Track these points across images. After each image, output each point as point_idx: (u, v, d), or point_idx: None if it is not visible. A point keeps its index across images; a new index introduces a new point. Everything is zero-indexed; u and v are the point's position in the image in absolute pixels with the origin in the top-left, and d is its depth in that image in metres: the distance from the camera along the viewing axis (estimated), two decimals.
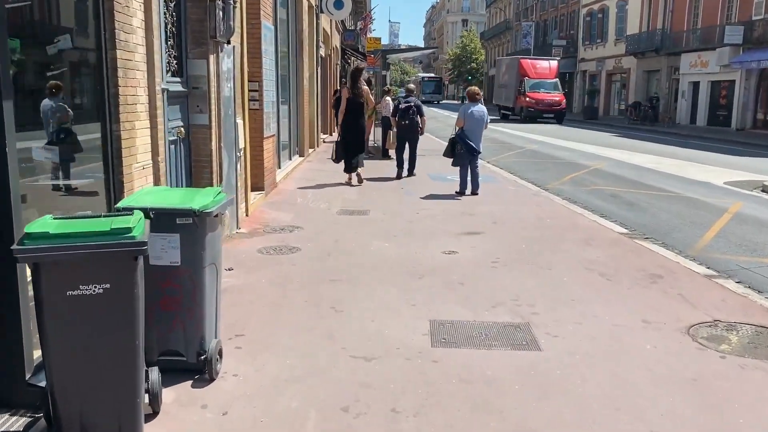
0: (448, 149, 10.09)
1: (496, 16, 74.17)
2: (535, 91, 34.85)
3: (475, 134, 9.83)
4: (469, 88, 10.34)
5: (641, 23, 38.31)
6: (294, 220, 7.72)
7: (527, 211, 8.64)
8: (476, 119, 9.80)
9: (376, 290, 5.05)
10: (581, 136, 23.89)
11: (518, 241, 6.81)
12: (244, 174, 7.75)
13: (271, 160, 9.70)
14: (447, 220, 7.91)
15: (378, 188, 10.45)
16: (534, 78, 36.25)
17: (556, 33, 52.02)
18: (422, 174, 12.27)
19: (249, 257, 6.02)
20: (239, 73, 7.50)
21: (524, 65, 37.53)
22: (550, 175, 13.27)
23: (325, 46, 20.98)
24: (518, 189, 10.76)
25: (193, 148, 6.32)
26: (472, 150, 9.75)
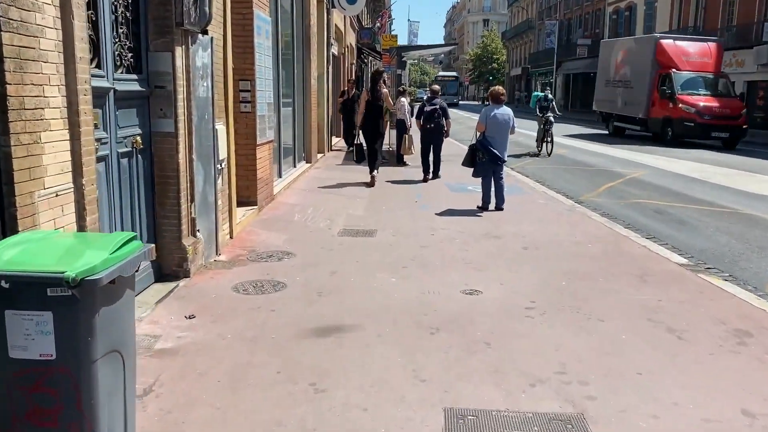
0: (468, 158, 8.82)
1: (518, 15, 72.52)
2: (692, 93, 21.05)
3: (499, 140, 8.55)
4: (492, 89, 9.05)
5: (671, 21, 36.61)
6: (286, 244, 6.51)
7: (563, 231, 7.35)
8: (500, 123, 8.53)
9: (374, 354, 3.83)
10: (609, 139, 22.43)
11: (556, 275, 5.54)
12: (227, 189, 6.57)
13: (266, 170, 8.52)
14: (468, 243, 6.65)
15: (389, 200, 9.22)
16: (686, 70, 21.78)
17: (581, 32, 50.34)
18: (440, 183, 11.02)
19: (220, 298, 4.82)
20: (221, 69, 6.32)
21: (667, 49, 22.34)
22: (583, 185, 11.93)
23: (338, 44, 19.81)
24: (549, 202, 9.46)
25: (156, 160, 5.15)
26: (496, 158, 8.48)
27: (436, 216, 8.15)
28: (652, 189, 11.45)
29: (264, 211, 8.19)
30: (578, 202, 9.91)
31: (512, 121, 8.65)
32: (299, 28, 12.56)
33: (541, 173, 13.45)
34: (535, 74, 61.96)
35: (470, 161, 8.74)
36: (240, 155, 7.81)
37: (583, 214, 8.54)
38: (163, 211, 5.22)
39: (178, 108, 5.12)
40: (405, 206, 8.78)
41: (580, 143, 20.47)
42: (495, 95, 8.74)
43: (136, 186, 4.89)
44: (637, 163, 15.26)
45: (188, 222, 5.40)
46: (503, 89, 9.00)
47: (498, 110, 8.57)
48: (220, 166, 6.19)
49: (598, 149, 18.75)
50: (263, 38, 8.19)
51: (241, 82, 7.71)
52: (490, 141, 8.51)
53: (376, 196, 9.54)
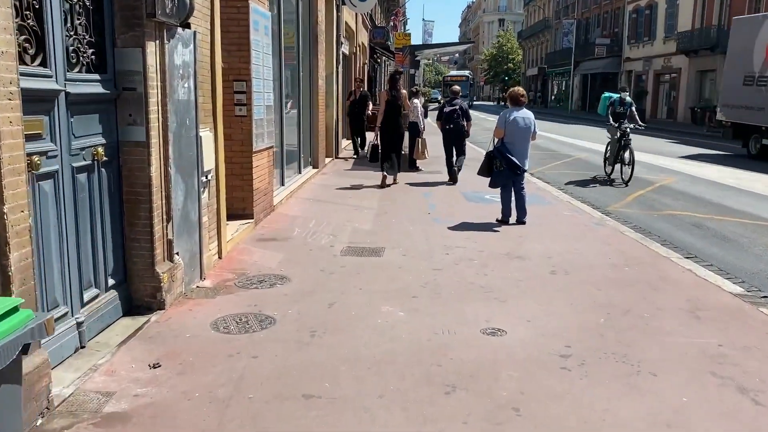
0: (484, 166, 7.98)
1: (535, 14, 71.43)
2: None
3: (519, 147, 7.73)
4: (512, 90, 8.15)
5: (694, 19, 35.50)
6: (282, 266, 5.76)
7: (594, 250, 6.52)
8: (520, 128, 7.71)
9: (375, 422, 3.05)
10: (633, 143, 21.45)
11: (593, 308, 4.73)
12: (215, 204, 5.83)
13: (265, 179, 7.78)
14: (487, 266, 5.86)
15: (400, 211, 8.44)
16: None
17: (599, 31, 49.27)
18: (455, 192, 10.22)
19: (195, 338, 4.07)
20: (208, 68, 5.58)
21: None
22: (610, 194, 11.07)
23: (349, 43, 19.07)
24: (575, 214, 8.63)
25: (125, 175, 4.41)
26: (515, 167, 7.66)
27: (451, 231, 7.36)
28: (686, 199, 10.56)
29: (261, 224, 7.44)
30: (606, 213, 9.08)
31: (533, 125, 7.83)
32: (305, 25, 11.81)
33: (562, 179, 12.60)
34: (551, 74, 60.90)
35: (487, 170, 7.92)
36: (234, 164, 7.09)
37: (614, 229, 7.70)
38: (133, 233, 4.48)
39: (151, 113, 4.38)
40: (417, 219, 8.00)
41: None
42: (514, 97, 7.91)
43: (99, 205, 4.16)
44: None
45: (164, 245, 4.66)
46: (523, 90, 8.16)
47: (518, 113, 7.75)
48: (205, 178, 5.45)
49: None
50: (261, 35, 7.45)
51: (236, 83, 6.98)
52: (509, 148, 7.69)
53: (385, 207, 8.76)
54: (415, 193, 10.07)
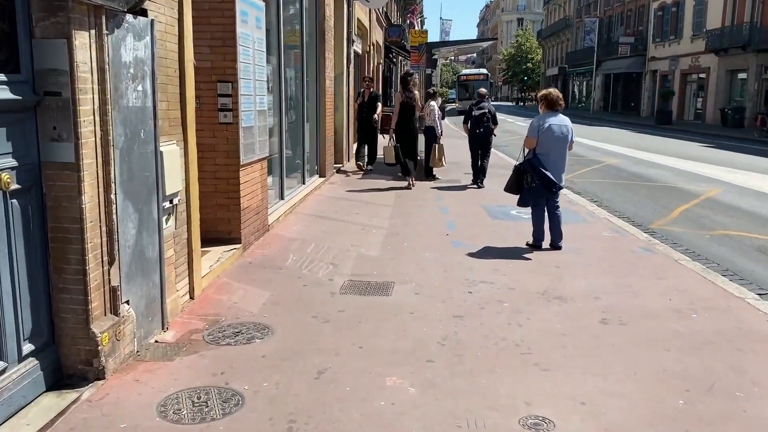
0: (512, 182, 6.83)
1: (555, 13, 69.90)
2: None
3: (555, 160, 6.58)
4: (547, 92, 6.88)
5: (724, 16, 33.95)
6: (266, 310, 4.68)
7: (649, 288, 5.36)
8: (556, 138, 6.56)
9: None
10: (664, 147, 20.14)
11: (665, 381, 3.58)
12: (185, 233, 4.76)
13: (256, 196, 6.71)
14: (520, 311, 4.73)
15: (413, 230, 7.34)
16: None
17: (622, 29, 47.75)
18: (476, 206, 9.07)
19: None
20: (174, 66, 4.51)
21: None
22: (650, 207, 9.87)
23: (362, 41, 17.99)
24: (616, 235, 7.45)
25: (50, 206, 3.36)
26: (550, 184, 6.53)
27: (474, 259, 6.23)
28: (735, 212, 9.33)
29: (251, 250, 6.37)
30: (650, 232, 7.91)
31: (571, 134, 6.68)
32: (311, 21, 10.75)
33: (594, 189, 11.42)
34: (572, 74, 59.39)
35: (515, 186, 6.77)
36: (219, 179, 6.05)
37: (667, 257, 6.52)
38: (62, 281, 3.43)
39: (83, 125, 3.32)
40: (433, 242, 6.88)
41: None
42: (550, 101, 6.71)
43: (9, 248, 3.11)
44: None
45: (104, 295, 3.59)
46: (559, 93, 6.92)
47: (553, 120, 6.59)
48: (169, 202, 4.39)
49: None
50: (252, 28, 6.37)
51: (220, 85, 5.92)
52: (543, 160, 6.55)
53: (397, 226, 7.66)
54: (431, 208, 8.94)
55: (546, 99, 6.75)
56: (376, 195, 9.98)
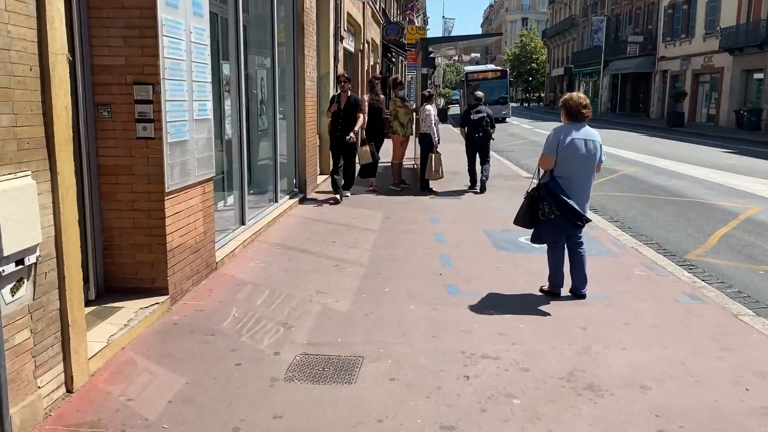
0: (525, 213, 5.30)
1: (560, 12, 68.34)
2: None
3: (579, 184, 5.09)
4: (569, 97, 5.20)
5: (739, 14, 32.38)
6: (168, 414, 3.23)
7: (713, 371, 3.88)
8: (581, 157, 5.06)
9: None
10: (682, 153, 18.62)
11: None
12: (56, 300, 3.31)
13: (194, 230, 5.25)
14: (540, 416, 3.27)
15: (398, 268, 5.89)
16: None
17: (631, 28, 46.20)
18: (478, 231, 7.59)
19: None
20: (31, 65, 3.06)
21: None
22: (683, 231, 8.40)
23: (355, 38, 16.55)
24: (652, 274, 5.97)
25: None
26: (575, 216, 5.04)
27: (474, 315, 4.76)
28: None
29: (182, 302, 4.91)
30: (690, 267, 6.46)
31: (600, 151, 5.19)
32: (288, 10, 9.31)
33: (613, 206, 9.94)
34: (578, 74, 57.81)
35: (529, 218, 5.27)
36: (137, 212, 4.62)
37: (722, 308, 5.04)
38: None
39: None
40: (422, 285, 5.42)
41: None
42: (572, 108, 5.13)
43: None
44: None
45: None
46: (585, 98, 5.22)
47: (577, 133, 5.08)
48: (15, 264, 2.94)
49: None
50: (187, 14, 4.93)
51: (137, 88, 4.47)
52: (564, 185, 5.07)
53: (380, 261, 6.20)
54: (424, 233, 7.47)
55: (567, 106, 5.17)
56: (360, 215, 8.53)
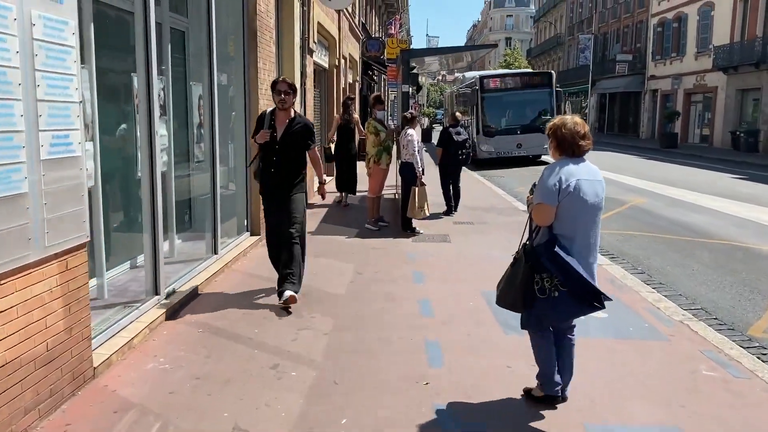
0: (516, 288, 3.50)
1: (545, 31, 67.50)
2: None
3: (584, 243, 3.45)
4: (563, 123, 3.48)
5: (733, 31, 31.25)
6: None
7: None
8: (590, 208, 3.44)
9: None
10: (689, 179, 17.02)
11: None
12: None
13: (48, 331, 3.37)
14: None
15: (368, 365, 4.07)
16: None
17: (619, 47, 45.12)
18: (475, 295, 5.73)
19: None
20: None
21: None
22: (731, 288, 6.65)
23: (330, 52, 14.81)
24: (728, 379, 4.19)
25: None
26: (590, 293, 3.38)
27: None
28: None
29: None
30: (747, 346, 4.71)
31: (601, 197, 3.51)
32: (235, 14, 7.54)
33: (632, 250, 8.19)
34: (565, 94, 56.63)
35: (522, 297, 3.49)
36: None
37: None
38: None
39: None
40: (398, 412, 3.58)
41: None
42: (568, 139, 3.44)
43: None
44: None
45: None
46: (582, 125, 3.50)
47: (582, 174, 3.43)
48: None
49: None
50: (33, 2, 3.12)
51: None
52: (567, 244, 3.40)
53: (340, 356, 4.35)
54: (405, 301, 5.64)
55: (557, 136, 3.48)
56: (324, 268, 6.71)
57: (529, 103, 19.91)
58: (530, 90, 20.23)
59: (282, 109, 5.47)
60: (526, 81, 20.69)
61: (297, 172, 5.53)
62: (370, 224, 9.21)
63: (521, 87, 20.32)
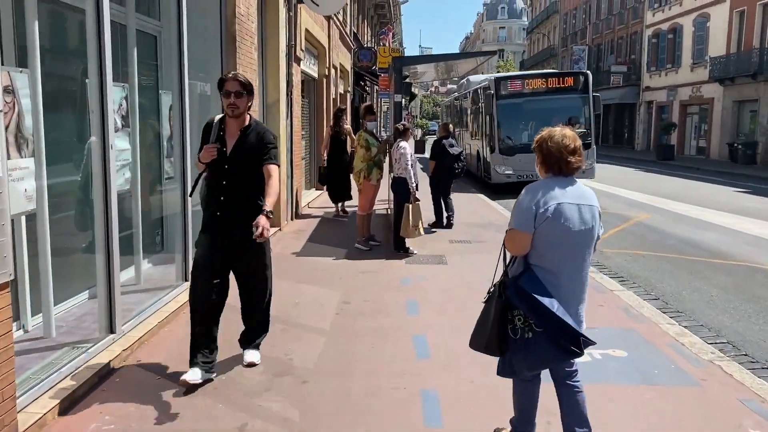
0: (489, 329, 2.97)
1: (538, 43, 67.38)
2: None
3: (571, 280, 2.92)
4: (549, 135, 2.96)
5: (729, 42, 30.94)
6: None
7: None
8: (575, 235, 2.89)
9: None
10: (691, 193, 16.46)
11: None
12: None
13: None
14: None
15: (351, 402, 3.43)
16: None
17: (613, 58, 44.84)
18: (465, 342, 5.09)
19: None
20: None
21: None
22: (756, 317, 6.04)
23: (319, 61, 14.21)
24: None
25: None
26: (568, 336, 2.83)
27: None
28: None
29: None
30: None
31: (598, 222, 2.99)
32: (213, 16, 6.92)
33: (642, 272, 7.57)
34: None
35: (495, 339, 2.96)
36: None
37: None
38: None
39: None
40: None
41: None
42: (555, 154, 2.92)
43: None
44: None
45: None
46: (574, 136, 2.95)
47: (565, 194, 2.91)
48: None
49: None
50: None
51: None
52: (549, 282, 2.87)
53: (319, 416, 3.69)
54: (398, 339, 4.98)
55: (542, 150, 2.98)
56: (307, 296, 6.05)
57: (559, 112, 14.97)
58: (560, 95, 15.96)
59: (233, 116, 4.05)
60: (556, 83, 16.13)
61: (257, 199, 4.03)
62: (360, 244, 8.57)
63: (549, 91, 15.89)
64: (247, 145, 4.05)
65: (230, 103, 4.00)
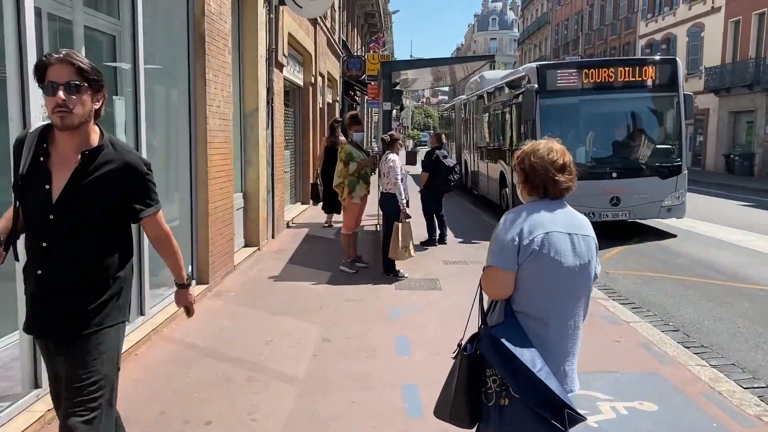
0: (458, 393, 2.27)
1: (530, 53, 67.17)
2: None
3: (561, 330, 2.23)
4: (533, 150, 2.32)
5: (724, 53, 30.56)
6: None
7: None
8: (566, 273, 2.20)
9: None
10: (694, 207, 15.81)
11: None
12: None
13: None
14: None
15: None
16: None
17: None
18: None
19: None
20: None
21: None
22: None
23: (305, 68, 13.49)
24: None
25: None
26: (553, 409, 2.08)
27: None
28: None
29: None
30: None
31: (596, 258, 2.29)
32: (179, 14, 6.17)
33: (653, 297, 6.83)
34: None
35: (467, 405, 2.27)
36: None
37: None
38: None
39: None
40: None
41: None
42: (540, 172, 2.28)
43: None
44: None
45: None
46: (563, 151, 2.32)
47: (553, 220, 2.25)
48: None
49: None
50: None
51: None
52: (534, 334, 2.18)
53: None
54: (385, 389, 4.21)
55: (523, 168, 2.36)
56: (282, 332, 5.26)
57: (635, 118, 10.80)
58: (638, 92, 10.58)
59: (63, 128, 2.31)
60: (630, 75, 10.51)
61: (105, 272, 2.43)
62: (345, 266, 7.80)
63: (619, 87, 10.49)
64: (97, 182, 2.35)
65: (57, 106, 2.24)
